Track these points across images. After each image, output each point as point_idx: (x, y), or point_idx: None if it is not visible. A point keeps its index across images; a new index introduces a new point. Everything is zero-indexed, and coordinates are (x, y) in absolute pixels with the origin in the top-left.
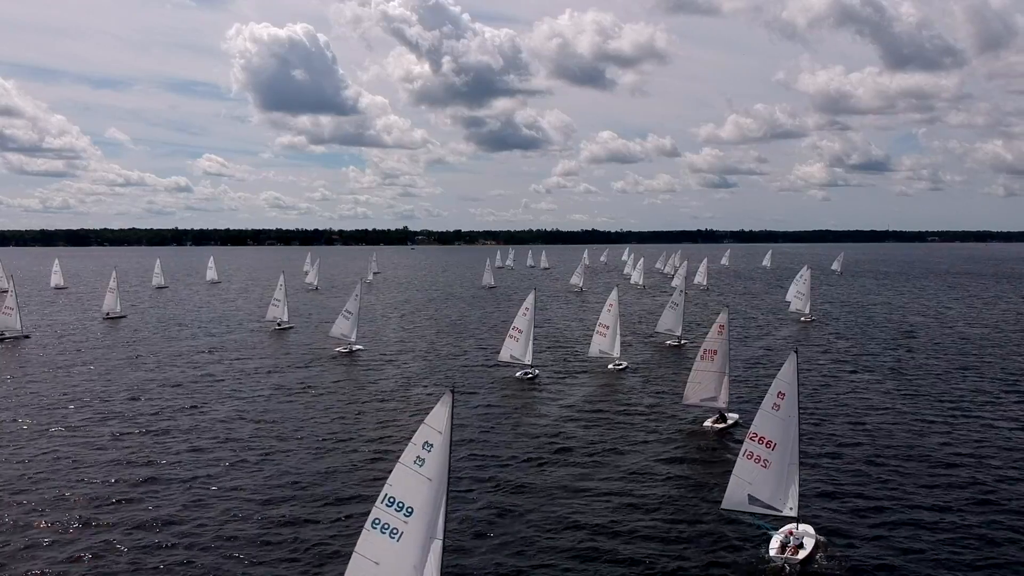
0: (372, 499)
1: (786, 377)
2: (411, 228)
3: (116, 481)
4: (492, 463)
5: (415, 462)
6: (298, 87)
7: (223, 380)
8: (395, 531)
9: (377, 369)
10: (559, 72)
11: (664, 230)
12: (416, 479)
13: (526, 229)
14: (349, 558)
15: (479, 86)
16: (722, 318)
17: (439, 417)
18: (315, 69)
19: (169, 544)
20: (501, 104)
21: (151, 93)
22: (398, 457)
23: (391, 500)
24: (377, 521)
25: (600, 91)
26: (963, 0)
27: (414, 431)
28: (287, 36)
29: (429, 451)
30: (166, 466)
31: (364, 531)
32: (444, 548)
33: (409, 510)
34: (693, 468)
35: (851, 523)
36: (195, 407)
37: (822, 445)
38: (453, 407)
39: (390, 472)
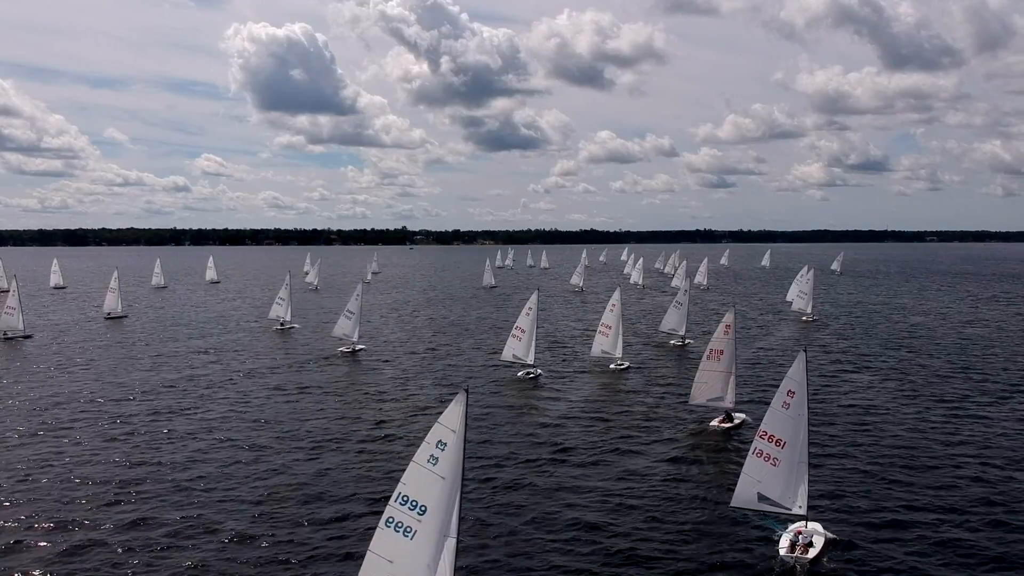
0: (379, 499)
1: (796, 376)
2: (410, 228)
3: (121, 481)
4: (498, 463)
5: (429, 461)
6: (296, 87)
7: (226, 381)
8: (408, 529)
9: (380, 369)
10: (557, 72)
11: (662, 230)
12: (430, 478)
13: (525, 229)
14: (358, 558)
15: (477, 86)
16: (728, 318)
17: (453, 416)
18: (313, 69)
19: (177, 545)
20: (500, 104)
21: (149, 93)
22: (405, 456)
23: (405, 499)
24: (391, 520)
25: (598, 91)
26: (961, 0)
27: (418, 430)
28: (285, 36)
29: (443, 450)
30: (167, 466)
31: (378, 529)
32: (458, 546)
33: (423, 508)
34: (701, 467)
35: (860, 522)
36: (197, 408)
37: (829, 444)
38: (467, 406)
39: (398, 471)
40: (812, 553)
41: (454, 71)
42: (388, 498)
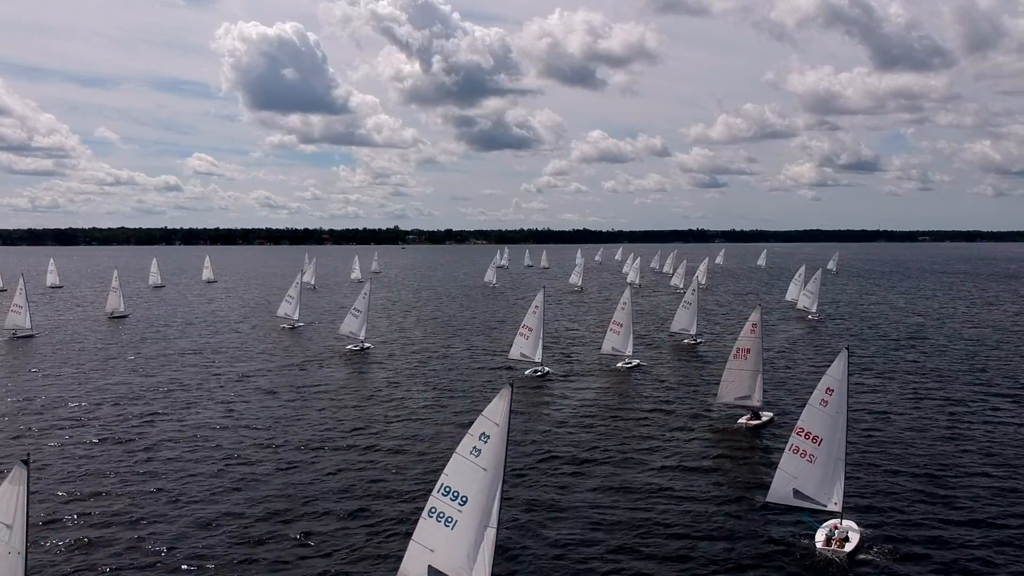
0: (398, 497)
1: (836, 374)
2: (402, 227)
3: (131, 481)
4: (520, 460)
5: (471, 452)
6: (288, 86)
7: (238, 380)
8: (450, 519)
9: (388, 368)
10: (549, 72)
11: (655, 229)
12: (472, 469)
13: (517, 229)
14: (390, 556)
15: (469, 85)
16: (755, 317)
17: (497, 409)
18: (305, 68)
19: (192, 543)
20: (492, 103)
21: (140, 92)
22: (423, 453)
23: (447, 489)
24: (433, 510)
25: (590, 91)
26: (952, 1)
27: (427, 428)
28: (276, 35)
29: (486, 442)
30: (192, 462)
31: (421, 519)
32: (498, 536)
33: (464, 499)
34: (732, 464)
35: (894, 520)
36: (199, 408)
37: (857, 442)
38: (512, 401)
39: (414, 468)
40: (848, 548)
41: (446, 71)
42: (414, 494)
